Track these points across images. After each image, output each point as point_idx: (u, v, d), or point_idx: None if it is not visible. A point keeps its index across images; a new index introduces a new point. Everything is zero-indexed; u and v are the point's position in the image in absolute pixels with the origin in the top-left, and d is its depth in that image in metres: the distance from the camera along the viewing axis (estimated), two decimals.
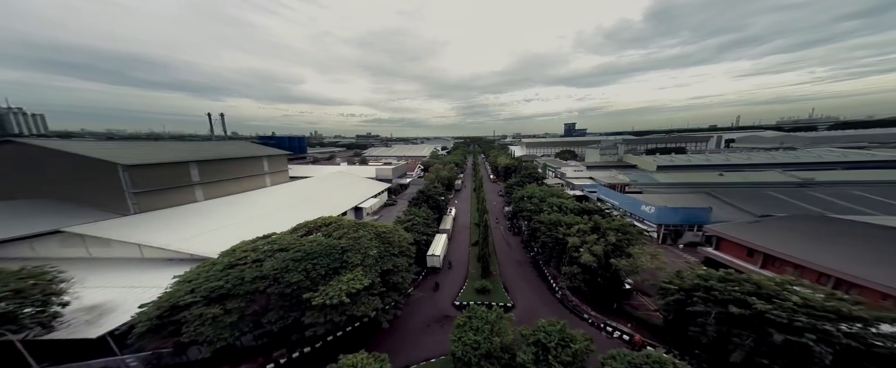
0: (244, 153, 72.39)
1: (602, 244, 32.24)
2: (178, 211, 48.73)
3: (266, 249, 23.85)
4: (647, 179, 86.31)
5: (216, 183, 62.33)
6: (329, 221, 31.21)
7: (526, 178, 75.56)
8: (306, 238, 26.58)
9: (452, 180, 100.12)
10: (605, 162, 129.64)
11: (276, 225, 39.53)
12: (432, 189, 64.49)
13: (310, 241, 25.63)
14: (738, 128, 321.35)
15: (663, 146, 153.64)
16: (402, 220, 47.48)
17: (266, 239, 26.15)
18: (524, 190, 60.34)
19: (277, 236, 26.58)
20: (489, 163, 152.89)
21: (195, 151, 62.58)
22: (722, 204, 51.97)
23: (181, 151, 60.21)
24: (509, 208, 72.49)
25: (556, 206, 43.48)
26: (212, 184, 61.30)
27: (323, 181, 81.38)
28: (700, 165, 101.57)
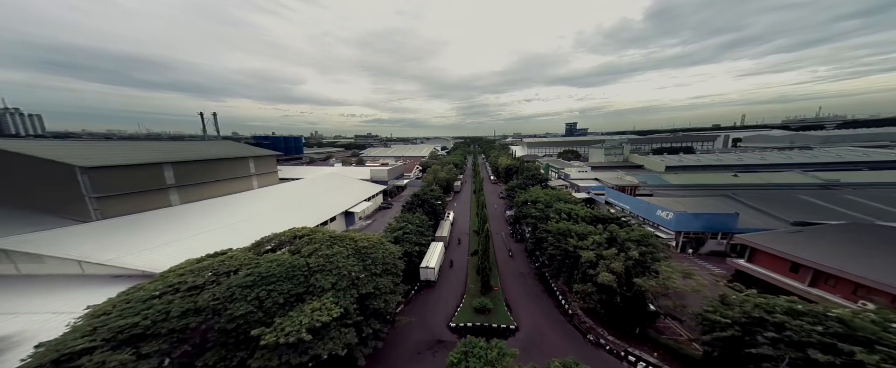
0: (228, 153, 67.76)
1: (622, 259, 27.42)
2: (146, 218, 44.02)
3: (211, 272, 19.10)
4: (657, 181, 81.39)
5: (194, 185, 57.67)
6: (301, 233, 26.44)
7: (529, 180, 70.76)
8: (267, 256, 21.80)
9: (451, 182, 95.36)
10: (609, 162, 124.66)
11: (253, 233, 34.95)
12: (428, 192, 59.71)
13: (269, 261, 20.87)
14: (743, 127, 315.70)
15: (670, 146, 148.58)
16: (393, 228, 42.72)
17: (218, 256, 21.38)
18: (528, 194, 55.53)
19: (232, 254, 21.82)
20: (489, 163, 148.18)
21: (171, 151, 57.96)
22: (747, 209, 47.05)
23: (155, 151, 55.59)
24: (511, 212, 67.66)
25: (565, 213, 38.63)
26: (189, 186, 56.64)
27: (314, 183, 76.71)
28: (711, 166, 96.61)
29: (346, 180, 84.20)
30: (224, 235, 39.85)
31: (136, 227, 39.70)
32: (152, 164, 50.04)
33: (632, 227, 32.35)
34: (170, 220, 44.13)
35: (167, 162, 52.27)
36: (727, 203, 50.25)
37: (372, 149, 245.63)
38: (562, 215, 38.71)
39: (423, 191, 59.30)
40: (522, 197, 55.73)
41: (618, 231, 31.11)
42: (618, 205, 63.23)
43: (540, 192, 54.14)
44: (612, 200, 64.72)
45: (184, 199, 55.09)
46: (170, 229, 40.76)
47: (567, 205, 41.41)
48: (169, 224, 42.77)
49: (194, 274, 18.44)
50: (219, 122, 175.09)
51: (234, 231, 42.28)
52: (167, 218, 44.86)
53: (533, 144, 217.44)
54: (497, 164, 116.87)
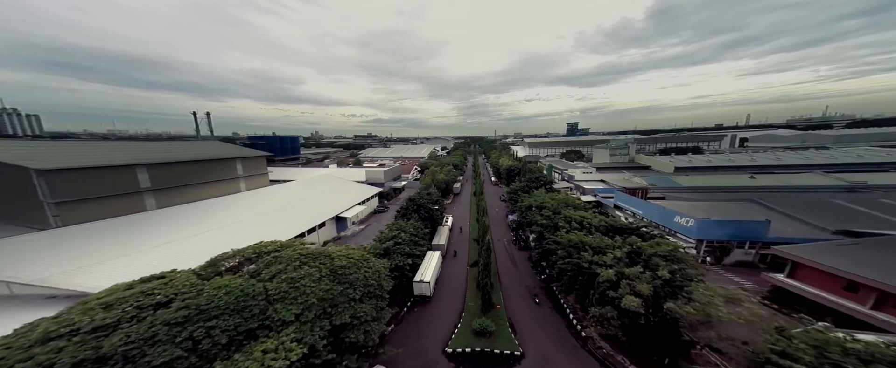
0: (212, 154, 63.81)
1: (648, 278, 23.12)
2: (113, 226, 39.88)
3: (133, 304, 14.88)
4: (668, 183, 76.97)
5: (173, 189, 53.68)
6: (267, 249, 22.22)
7: (532, 183, 66.45)
8: (215, 281, 17.59)
9: (451, 184, 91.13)
10: (615, 163, 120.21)
11: (230, 242, 30.83)
12: (425, 196, 55.46)
13: (216, 287, 16.67)
14: (748, 126, 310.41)
15: (677, 146, 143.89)
16: (383, 237, 38.50)
17: (154, 281, 17.17)
18: (532, 198, 51.24)
19: (172, 277, 17.62)
20: (490, 164, 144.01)
21: (147, 152, 53.96)
22: (776, 215, 42.59)
23: (128, 152, 51.60)
24: (513, 216, 63.35)
25: (576, 222, 34.30)
26: (167, 190, 52.65)
27: (305, 186, 72.60)
28: (724, 166, 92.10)
29: (340, 182, 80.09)
30: (195, 245, 35.70)
31: (96, 236, 35.56)
32: (123, 166, 46.04)
33: (657, 240, 27.96)
34: (138, 228, 39.99)
35: (141, 163, 48.29)
36: (752, 208, 45.87)
37: (370, 150, 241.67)
38: (572, 224, 34.39)
39: (419, 196, 55.09)
40: (526, 201, 51.45)
41: (641, 244, 26.79)
42: (628, 210, 58.86)
43: (545, 197, 49.84)
44: (622, 204, 60.34)
45: (162, 204, 51.12)
46: (135, 238, 36.62)
47: (578, 213, 37.06)
48: (136, 232, 38.63)
49: (107, 309, 14.23)
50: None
51: (210, 240, 38.12)
52: (136, 225, 40.73)
53: (534, 144, 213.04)
54: (498, 165, 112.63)
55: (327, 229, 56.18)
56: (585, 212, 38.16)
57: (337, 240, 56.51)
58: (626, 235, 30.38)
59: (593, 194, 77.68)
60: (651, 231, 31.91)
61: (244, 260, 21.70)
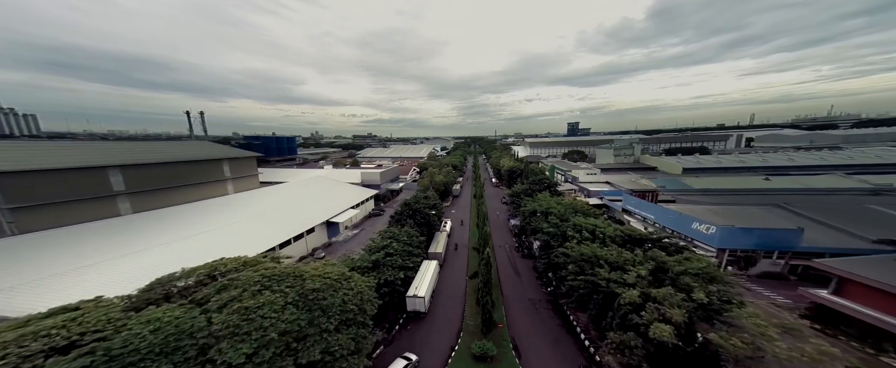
0: (195, 155, 60.19)
1: (677, 300, 19.47)
2: (78, 233, 36.27)
3: (20, 352, 11.24)
4: (677, 185, 73.23)
5: (150, 192, 50.04)
6: (225, 268, 18.58)
7: (535, 185, 62.76)
8: (144, 314, 13.92)
9: (450, 186, 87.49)
10: (619, 164, 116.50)
11: (203, 253, 27.40)
12: (422, 201, 51.80)
13: (143, 322, 13.01)
14: (752, 126, 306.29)
15: (683, 146, 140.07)
16: (373, 247, 34.86)
17: (64, 315, 13.49)
18: (536, 203, 47.61)
19: (88, 308, 13.96)
20: (491, 165, 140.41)
21: (121, 153, 50.34)
22: (806, 221, 38.85)
23: (99, 153, 48.00)
24: (516, 221, 59.71)
25: (588, 231, 30.61)
26: (144, 193, 49.02)
27: (297, 188, 69.00)
28: (734, 168, 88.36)
29: (334, 184, 76.45)
30: (161, 256, 32.06)
31: (54, 245, 31.95)
32: (92, 168, 42.42)
33: (684, 254, 24.25)
34: (104, 235, 36.33)
35: (114, 165, 44.67)
36: (777, 214, 42.18)
37: (369, 150, 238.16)
38: (583, 233, 30.71)
39: (415, 200, 51.43)
40: (530, 205, 47.80)
41: (667, 259, 23.13)
42: (638, 214, 55.17)
43: (551, 201, 46.20)
44: (632, 208, 56.65)
45: (138, 208, 47.49)
46: (98, 246, 32.96)
47: (589, 221, 33.34)
48: (101, 239, 34.99)
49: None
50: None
51: (179, 249, 34.46)
52: (103, 231, 37.09)
53: (535, 144, 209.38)
54: (499, 166, 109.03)
55: (317, 235, 52.54)
56: (597, 220, 34.44)
57: (327, 247, 52.87)
58: (647, 247, 26.70)
59: (599, 197, 74.04)
60: (676, 242, 28.16)
61: (197, 282, 18.05)
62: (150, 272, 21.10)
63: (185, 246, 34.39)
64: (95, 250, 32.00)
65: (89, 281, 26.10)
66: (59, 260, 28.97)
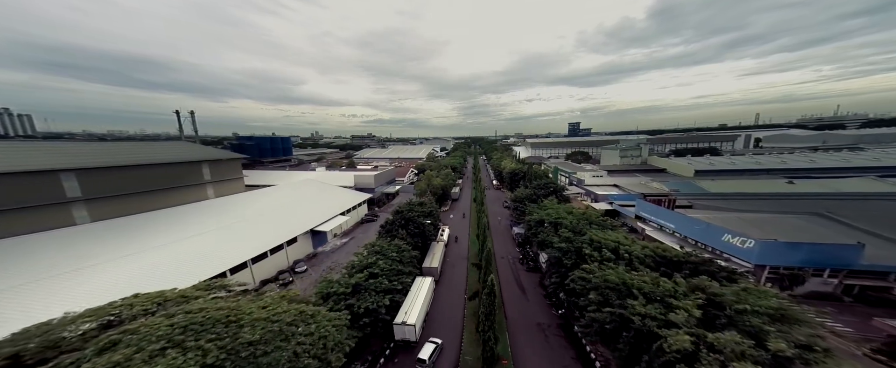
0: (170, 157, 55.22)
1: (750, 349, 14.47)
2: (14, 246, 31.28)
3: None
4: (692, 188, 68.30)
5: (113, 198, 45.11)
6: (131, 309, 13.56)
7: (540, 190, 57.73)
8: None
9: (448, 189, 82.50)
10: (625, 165, 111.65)
11: (142, 279, 22.46)
12: (416, 208, 46.81)
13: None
14: (757, 126, 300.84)
15: (690, 147, 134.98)
16: (355, 265, 29.94)
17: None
18: (543, 211, 42.66)
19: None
20: (491, 166, 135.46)
21: (80, 155, 45.36)
22: (855, 232, 33.82)
23: (52, 155, 43.01)
24: (519, 229, 54.74)
25: (609, 250, 25.57)
26: (105, 200, 44.09)
27: (285, 192, 64.08)
28: (750, 170, 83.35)
29: (324, 188, 71.49)
30: (106, 277, 27.10)
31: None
32: (41, 172, 37.46)
33: (745, 286, 19.16)
34: (45, 248, 31.30)
35: (67, 168, 39.70)
36: (819, 223, 37.20)
37: (367, 151, 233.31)
38: (603, 251, 25.68)
39: (408, 208, 46.41)
40: (536, 214, 42.85)
41: (717, 291, 18.14)
42: (653, 222, 50.19)
43: (559, 209, 41.25)
44: (647, 215, 51.63)
45: (98, 216, 42.54)
46: (32, 264, 27.97)
47: (609, 235, 28.27)
48: (39, 255, 29.98)
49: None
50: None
51: (131, 267, 29.51)
52: (44, 245, 32.06)
53: (537, 145, 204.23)
54: (500, 168, 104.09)
55: (300, 245, 47.56)
56: (617, 234, 29.39)
57: (312, 258, 47.91)
58: (686, 271, 21.72)
59: (608, 201, 69.05)
60: (729, 268, 23.07)
61: (82, 335, 13.02)
62: (53, 307, 16.23)
63: (123, 268, 29.24)
64: (40, 266, 27.06)
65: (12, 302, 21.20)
66: None
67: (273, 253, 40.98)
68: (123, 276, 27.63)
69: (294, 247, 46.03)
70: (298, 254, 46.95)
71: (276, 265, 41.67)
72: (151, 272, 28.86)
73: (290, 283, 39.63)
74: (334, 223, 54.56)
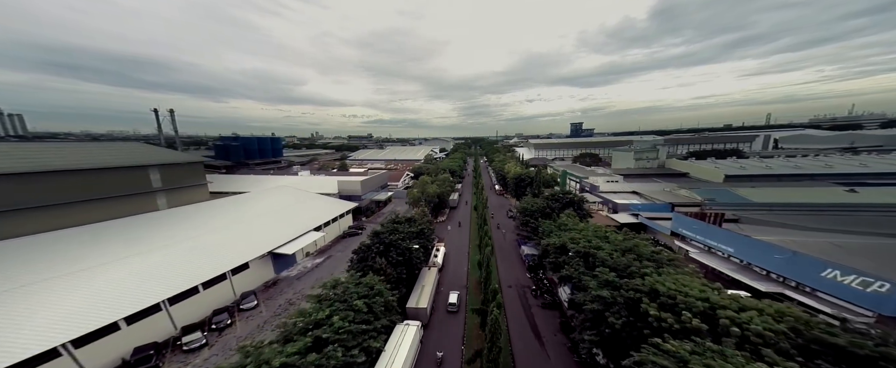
0: (104, 162, 45.52)
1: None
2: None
3: None
4: (730, 197, 58.34)
5: (21, 212, 35.47)
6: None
7: (554, 202, 47.82)
8: None
9: (446, 197, 72.73)
10: (641, 168, 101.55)
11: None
12: (401, 228, 36.95)
13: None
14: (769, 126, 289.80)
15: (710, 148, 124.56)
16: (300, 323, 20.18)
17: None
18: (564, 233, 32.78)
19: None
20: (493, 169, 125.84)
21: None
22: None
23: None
24: (530, 248, 44.97)
25: (696, 313, 15.64)
26: (7, 214, 34.44)
27: (251, 203, 54.47)
28: (790, 175, 73.35)
29: (302, 197, 61.77)
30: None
31: None
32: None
33: None
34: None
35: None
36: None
37: (362, 152, 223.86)
38: (682, 315, 15.73)
39: (389, 227, 36.53)
40: (555, 237, 33.00)
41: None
42: (697, 242, 40.34)
43: (587, 232, 31.40)
44: (689, 233, 41.73)
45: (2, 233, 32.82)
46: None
47: (686, 284, 18.26)
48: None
49: None
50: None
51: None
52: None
53: (541, 146, 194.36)
54: (504, 172, 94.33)
55: (254, 272, 37.78)
56: (696, 281, 19.37)
57: (269, 288, 38.17)
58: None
59: (630, 211, 59.22)
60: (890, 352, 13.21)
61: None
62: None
63: (27, 297, 19.47)
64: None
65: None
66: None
67: (205, 288, 31.16)
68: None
69: (245, 275, 36.27)
70: (252, 283, 37.20)
71: (214, 301, 31.91)
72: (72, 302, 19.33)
73: (229, 327, 29.94)
74: (304, 241, 44.75)
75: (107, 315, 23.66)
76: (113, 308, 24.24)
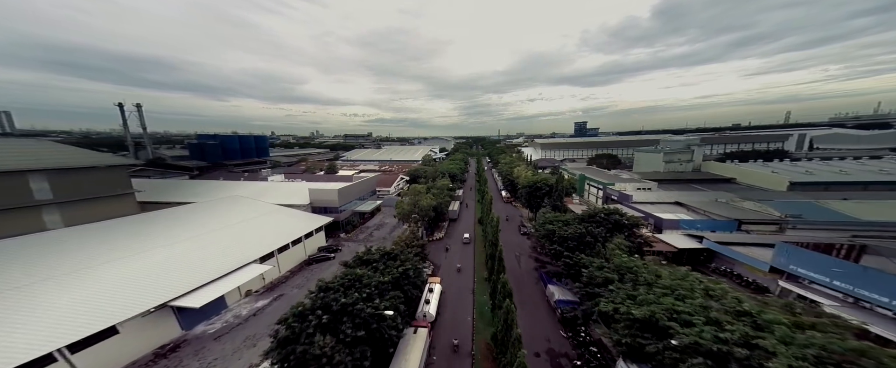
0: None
1: None
2: None
3: None
4: (818, 213, 44.27)
5: None
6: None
7: (593, 224, 33.62)
8: None
9: (443, 209, 58.79)
10: (672, 172, 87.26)
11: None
12: (370, 277, 22.98)
13: None
14: (788, 125, 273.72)
15: (753, 148, 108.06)
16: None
17: None
18: (642, 295, 18.64)
19: None
20: (498, 172, 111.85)
21: None
22: None
23: None
24: (562, 293, 31.03)
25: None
26: None
27: (182, 220, 40.80)
28: (879, 182, 59.06)
29: (259, 211, 47.95)
30: None
31: None
32: None
33: None
34: None
35: None
36: None
37: (357, 152, 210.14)
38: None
39: (345, 278, 22.63)
40: (619, 300, 19.00)
41: None
42: (828, 287, 26.41)
43: (690, 288, 17.28)
44: (808, 272, 27.64)
45: None
46: None
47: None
48: None
49: None
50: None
51: None
52: None
53: (549, 146, 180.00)
54: (512, 176, 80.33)
55: (134, 336, 23.93)
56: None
57: (172, 353, 24.40)
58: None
59: (683, 232, 45.17)
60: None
61: None
62: None
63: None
64: None
65: None
66: None
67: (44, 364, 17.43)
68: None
69: (113, 343, 22.44)
70: (137, 351, 23.38)
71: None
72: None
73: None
74: (238, 279, 30.83)
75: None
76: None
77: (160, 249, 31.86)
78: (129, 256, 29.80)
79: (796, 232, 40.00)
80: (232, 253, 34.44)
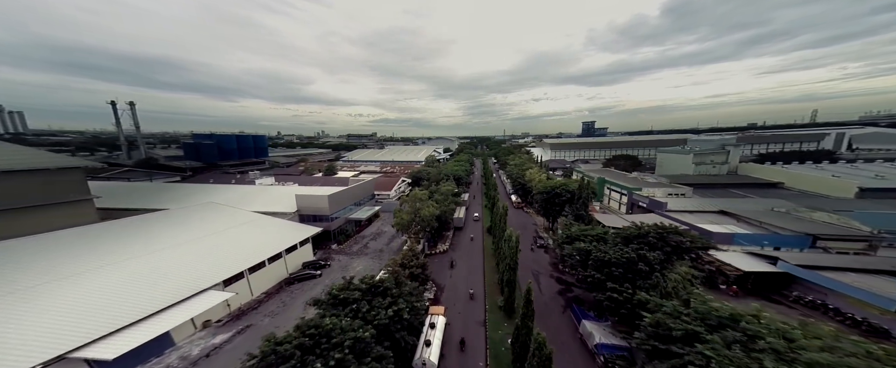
0: None
1: None
2: None
3: None
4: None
5: None
6: None
7: (647, 246, 25.81)
8: None
9: (448, 216, 51.44)
10: (704, 175, 78.27)
11: None
12: (349, 322, 15.76)
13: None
14: (815, 124, 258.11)
15: (804, 149, 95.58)
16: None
17: None
18: (730, 354, 10.83)
19: None
20: (506, 174, 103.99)
21: None
22: None
23: None
24: (602, 333, 23.39)
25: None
26: None
27: (140, 231, 34.34)
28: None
29: (235, 220, 41.30)
30: None
31: None
32: None
33: None
34: None
35: None
36: None
37: (359, 152, 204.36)
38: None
39: (311, 330, 15.26)
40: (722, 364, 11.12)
41: None
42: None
43: None
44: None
45: None
46: None
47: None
48: None
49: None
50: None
51: None
52: None
53: (559, 146, 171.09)
54: (523, 179, 72.59)
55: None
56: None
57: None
58: None
59: (743, 248, 36.84)
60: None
61: None
62: None
63: None
64: None
65: None
66: None
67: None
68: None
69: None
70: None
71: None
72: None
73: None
74: (187, 312, 23.94)
75: None
76: None
77: (85, 275, 25.12)
78: (40, 285, 23.12)
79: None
80: (188, 276, 27.65)
